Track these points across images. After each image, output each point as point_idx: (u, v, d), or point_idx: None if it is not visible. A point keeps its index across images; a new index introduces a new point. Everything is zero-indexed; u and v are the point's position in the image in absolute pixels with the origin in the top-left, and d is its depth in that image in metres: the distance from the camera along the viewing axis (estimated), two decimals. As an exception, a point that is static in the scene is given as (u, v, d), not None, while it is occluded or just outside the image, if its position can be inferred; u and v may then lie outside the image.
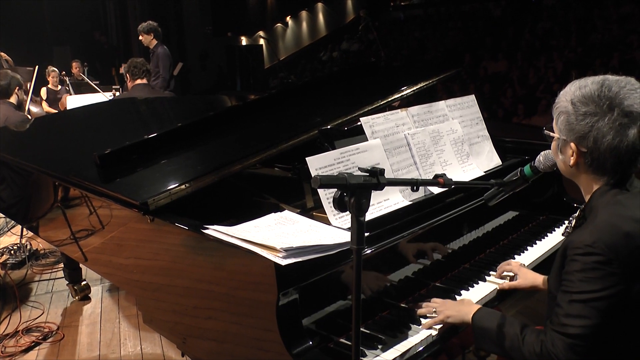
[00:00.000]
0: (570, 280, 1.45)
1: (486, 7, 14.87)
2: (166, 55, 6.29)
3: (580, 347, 1.42)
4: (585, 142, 1.49)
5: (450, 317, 1.78)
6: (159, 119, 3.67)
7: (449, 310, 1.79)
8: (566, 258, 1.48)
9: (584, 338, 1.41)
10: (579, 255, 1.43)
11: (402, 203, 2.05)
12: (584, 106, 1.48)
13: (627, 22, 10.55)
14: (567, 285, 1.46)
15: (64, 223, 2.72)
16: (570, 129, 1.51)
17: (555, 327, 1.47)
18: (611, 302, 1.40)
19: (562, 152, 1.59)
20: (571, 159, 1.54)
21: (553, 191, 2.75)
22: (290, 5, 19.50)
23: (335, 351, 1.70)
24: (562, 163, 1.61)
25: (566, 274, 1.47)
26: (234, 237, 1.64)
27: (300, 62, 18.61)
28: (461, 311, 1.77)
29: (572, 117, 1.50)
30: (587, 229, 1.47)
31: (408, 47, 15.05)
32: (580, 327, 1.41)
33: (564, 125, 1.53)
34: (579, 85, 1.53)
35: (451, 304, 1.85)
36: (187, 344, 2.03)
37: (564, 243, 1.52)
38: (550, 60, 10.55)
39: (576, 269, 1.43)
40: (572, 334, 1.42)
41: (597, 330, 1.41)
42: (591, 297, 1.40)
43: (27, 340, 3.37)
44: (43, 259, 4.59)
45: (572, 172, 1.59)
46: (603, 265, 1.40)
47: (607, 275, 1.40)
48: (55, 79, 8.37)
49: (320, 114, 2.59)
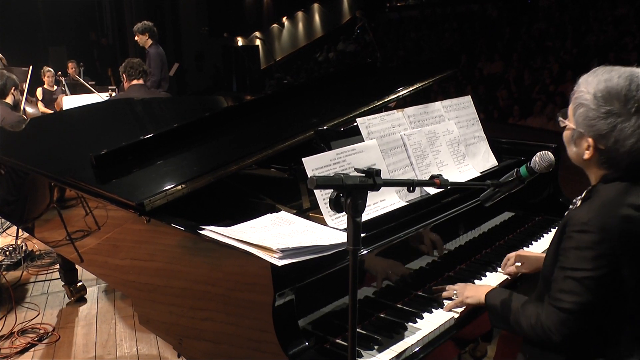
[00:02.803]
0: (566, 257, 1.46)
1: (482, 8, 14.91)
2: (157, 55, 6.23)
3: (571, 322, 1.44)
4: (605, 141, 1.44)
5: (469, 298, 1.84)
6: (155, 120, 3.67)
7: (468, 292, 1.86)
8: (564, 234, 1.48)
9: (575, 313, 1.44)
10: (575, 232, 1.44)
11: (398, 204, 2.06)
12: (608, 104, 1.42)
13: (622, 24, 10.61)
14: (562, 261, 1.47)
15: (59, 224, 2.72)
16: (589, 124, 1.46)
17: (551, 300, 1.49)
18: (601, 282, 1.41)
19: (576, 144, 1.53)
20: (586, 152, 1.49)
21: (549, 192, 2.76)
22: (286, 6, 19.49)
23: (332, 352, 1.70)
24: (575, 154, 1.56)
25: (563, 249, 1.48)
26: (230, 238, 1.64)
27: (296, 62, 18.61)
28: (479, 291, 1.82)
29: (593, 113, 1.44)
30: (586, 206, 1.46)
31: (404, 48, 15.07)
32: (572, 303, 1.43)
33: (582, 118, 1.47)
34: (605, 77, 1.45)
35: (471, 287, 1.92)
36: (184, 345, 2.02)
37: (564, 219, 1.52)
38: (546, 62, 10.58)
39: (572, 245, 1.44)
40: (565, 309, 1.45)
41: (588, 307, 1.43)
42: (583, 276, 1.42)
43: (22, 342, 3.36)
44: (39, 260, 4.58)
45: (584, 163, 1.55)
46: (596, 245, 1.40)
47: (599, 256, 1.40)
48: (51, 79, 8.33)
49: (317, 114, 2.59)
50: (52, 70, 8.51)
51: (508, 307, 1.65)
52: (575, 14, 11.85)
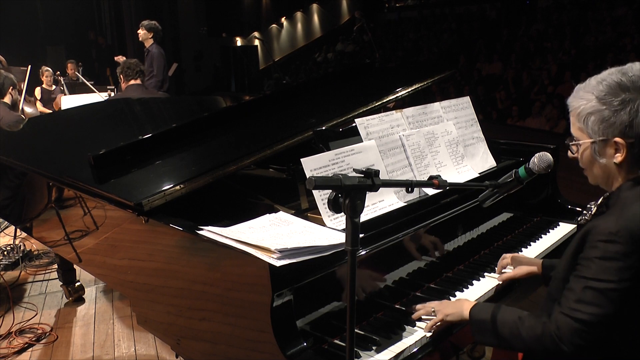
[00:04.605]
0: (588, 267, 1.41)
1: (481, 9, 14.93)
2: (160, 56, 6.28)
3: (587, 334, 1.40)
4: (633, 131, 1.41)
5: (449, 316, 1.75)
6: (154, 120, 3.67)
7: (447, 309, 1.77)
8: (586, 243, 1.44)
9: (592, 325, 1.39)
10: (601, 242, 1.39)
11: (396, 204, 2.06)
12: (616, 96, 1.41)
13: (620, 25, 10.64)
14: (582, 271, 1.43)
15: (58, 224, 2.71)
16: (609, 124, 1.43)
17: (564, 310, 1.44)
18: (626, 294, 1.37)
19: (601, 155, 1.49)
20: (617, 155, 1.45)
21: (547, 193, 2.76)
22: (285, 6, 19.49)
23: (330, 352, 1.70)
24: (602, 168, 1.51)
25: (584, 259, 1.43)
26: (228, 238, 1.64)
27: (295, 63, 18.61)
28: (459, 307, 1.74)
29: (607, 112, 1.43)
30: (613, 216, 1.42)
31: (403, 49, 15.08)
32: (591, 315, 1.39)
33: (598, 124, 1.45)
34: (596, 81, 1.45)
35: (448, 303, 1.83)
36: (182, 345, 2.02)
37: (586, 227, 1.47)
38: (545, 62, 10.60)
39: (596, 255, 1.40)
40: (581, 319, 1.40)
41: (607, 320, 1.39)
42: (607, 287, 1.38)
43: (20, 342, 3.36)
44: (37, 259, 4.57)
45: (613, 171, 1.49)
46: (623, 257, 1.37)
47: (626, 268, 1.37)
48: (49, 78, 8.33)
49: (315, 115, 2.59)
50: (50, 69, 8.51)
51: (501, 321, 1.59)
52: (574, 15, 11.88)
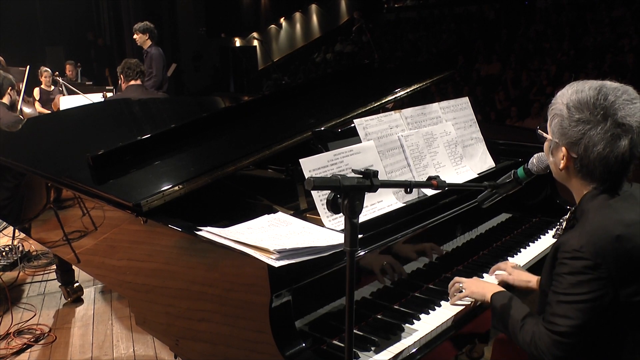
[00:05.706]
0: (560, 282, 1.49)
1: (480, 9, 14.94)
2: (160, 57, 6.29)
3: (564, 345, 1.47)
4: (576, 149, 1.50)
5: (475, 294, 1.89)
6: (153, 120, 3.66)
7: (474, 287, 1.91)
8: (557, 260, 1.51)
9: (568, 336, 1.46)
10: (568, 259, 1.46)
11: (395, 205, 2.06)
12: (578, 112, 1.48)
13: (619, 26, 10.65)
14: (556, 286, 1.50)
15: (56, 224, 2.71)
16: (562, 133, 1.52)
17: (545, 323, 1.53)
18: (596, 304, 1.43)
19: (553, 154, 1.60)
20: (561, 162, 1.55)
21: (546, 193, 2.77)
22: (284, 7, 19.48)
23: (328, 353, 1.70)
24: (554, 165, 1.62)
25: (556, 275, 1.51)
26: (227, 239, 1.64)
27: (294, 63, 18.60)
28: (485, 288, 1.87)
29: (566, 122, 1.50)
30: (577, 232, 1.49)
31: (402, 49, 15.07)
32: (565, 327, 1.46)
33: (557, 128, 1.54)
34: (576, 89, 1.52)
35: (477, 282, 1.96)
36: (180, 346, 2.02)
37: (555, 244, 1.55)
38: (544, 63, 10.60)
39: (565, 271, 1.47)
40: (557, 332, 1.48)
41: (582, 330, 1.45)
42: (577, 300, 1.44)
43: (18, 343, 3.35)
44: (35, 260, 4.56)
45: (563, 175, 1.60)
46: (590, 270, 1.43)
47: (594, 280, 1.43)
48: (48, 79, 8.31)
49: (314, 115, 2.59)
50: (49, 70, 8.49)
51: (509, 314, 1.68)
52: (572, 16, 11.89)
